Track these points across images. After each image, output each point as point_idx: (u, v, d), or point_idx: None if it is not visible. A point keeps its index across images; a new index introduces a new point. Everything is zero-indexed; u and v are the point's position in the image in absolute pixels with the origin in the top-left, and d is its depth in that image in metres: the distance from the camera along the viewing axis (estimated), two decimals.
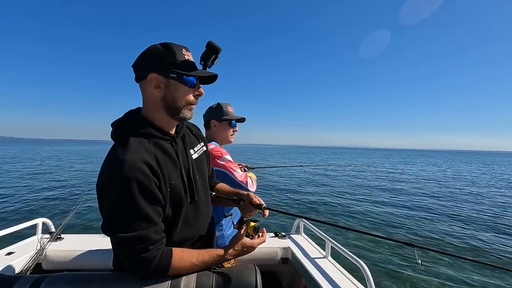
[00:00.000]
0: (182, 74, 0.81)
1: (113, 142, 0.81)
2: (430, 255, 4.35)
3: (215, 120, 1.66)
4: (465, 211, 8.03)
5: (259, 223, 1.01)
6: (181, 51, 0.81)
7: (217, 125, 1.66)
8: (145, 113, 0.86)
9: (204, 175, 1.02)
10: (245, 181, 1.51)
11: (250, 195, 1.08)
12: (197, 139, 1.06)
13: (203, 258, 0.84)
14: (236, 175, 1.48)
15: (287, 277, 1.87)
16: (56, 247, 1.65)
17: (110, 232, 0.73)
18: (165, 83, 0.81)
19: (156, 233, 0.75)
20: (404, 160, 42.61)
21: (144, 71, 0.80)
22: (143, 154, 0.75)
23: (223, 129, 1.67)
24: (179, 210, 0.84)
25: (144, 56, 0.81)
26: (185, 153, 0.91)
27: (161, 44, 0.81)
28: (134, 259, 0.72)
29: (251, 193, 1.10)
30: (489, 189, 12.87)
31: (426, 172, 21.05)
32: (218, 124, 1.66)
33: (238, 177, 1.49)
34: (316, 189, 11.16)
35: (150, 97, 0.83)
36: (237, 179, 1.48)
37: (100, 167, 0.76)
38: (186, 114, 0.87)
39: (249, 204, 1.06)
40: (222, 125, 1.67)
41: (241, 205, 1.09)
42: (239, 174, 1.50)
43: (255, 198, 1.07)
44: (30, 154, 27.10)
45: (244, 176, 1.53)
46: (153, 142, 0.81)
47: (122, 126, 0.83)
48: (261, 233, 1.01)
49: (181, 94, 0.83)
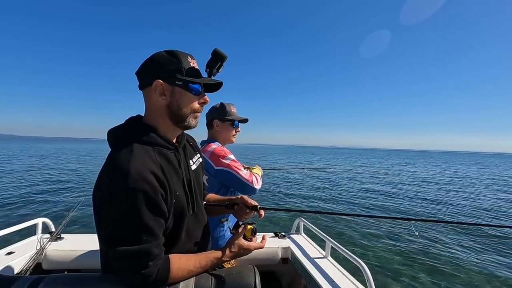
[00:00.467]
0: (188, 82, 0.80)
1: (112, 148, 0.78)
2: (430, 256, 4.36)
3: (218, 120, 1.65)
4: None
5: (256, 225, 1.01)
6: (187, 59, 0.80)
7: (219, 125, 1.66)
8: (148, 121, 0.83)
9: (201, 186, 1.01)
10: (251, 180, 1.49)
11: (244, 198, 1.08)
12: (194, 150, 1.05)
13: (201, 264, 0.83)
14: (241, 174, 1.47)
15: (287, 277, 1.87)
16: (56, 247, 1.66)
17: (109, 244, 0.70)
18: (170, 90, 0.79)
19: (157, 247, 0.73)
20: (404, 161, 42.60)
21: (149, 78, 0.79)
22: (148, 163, 0.72)
23: (225, 129, 1.67)
24: (181, 222, 0.83)
25: (149, 64, 0.80)
26: (186, 164, 0.90)
27: (166, 51, 0.80)
28: (133, 274, 0.70)
29: (244, 196, 1.10)
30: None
31: (427, 173, 21.04)
32: (220, 124, 1.66)
33: (243, 176, 1.48)
34: (314, 192, 11.16)
35: (155, 104, 0.81)
36: (242, 177, 1.47)
37: (98, 176, 0.73)
38: (191, 122, 0.86)
39: (244, 206, 1.05)
40: (224, 125, 1.66)
41: (235, 209, 1.08)
42: (244, 173, 1.49)
43: (249, 200, 1.06)
44: (30, 152, 27.08)
45: (249, 174, 1.51)
46: (157, 151, 0.79)
47: (123, 133, 0.80)
48: (261, 238, 1.01)
49: (186, 102, 0.82)
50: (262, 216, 1.04)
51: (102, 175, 0.72)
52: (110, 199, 0.67)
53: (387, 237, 5.37)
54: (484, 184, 15.36)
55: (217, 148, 1.52)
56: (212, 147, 1.54)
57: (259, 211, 1.05)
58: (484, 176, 20.29)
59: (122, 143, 0.76)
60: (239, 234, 0.96)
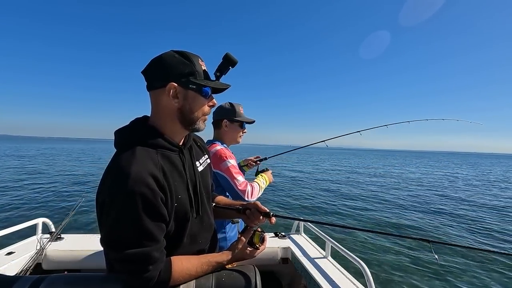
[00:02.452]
0: (201, 86, 0.80)
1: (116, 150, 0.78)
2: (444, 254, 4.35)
3: (227, 120, 1.65)
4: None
5: (264, 232, 1.00)
6: (198, 61, 0.81)
7: (228, 125, 1.65)
8: (154, 123, 0.83)
9: (208, 188, 0.99)
10: (244, 190, 1.46)
11: (257, 203, 1.06)
12: (201, 151, 1.03)
13: (202, 268, 0.83)
14: (236, 183, 1.45)
15: (287, 277, 1.87)
16: (56, 247, 1.66)
17: (109, 247, 0.70)
18: (183, 93, 0.79)
19: (157, 251, 0.72)
20: (403, 161, 42.49)
21: (162, 80, 0.78)
22: (149, 166, 0.72)
23: (233, 130, 1.67)
24: (184, 225, 0.82)
25: (160, 64, 0.78)
26: (191, 165, 0.89)
27: (177, 52, 0.80)
28: (133, 277, 0.70)
29: (257, 201, 1.09)
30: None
31: (420, 173, 21.03)
32: (229, 124, 1.65)
33: (237, 185, 1.45)
34: (317, 191, 11.15)
35: (165, 107, 0.80)
36: (236, 187, 1.44)
37: (102, 177, 0.73)
38: (201, 125, 0.86)
39: (256, 212, 1.03)
40: (233, 126, 1.66)
41: (247, 213, 1.06)
42: (239, 182, 1.46)
43: (262, 206, 1.04)
44: (29, 152, 27.12)
45: (245, 184, 1.48)
46: (160, 153, 0.79)
47: (128, 135, 0.80)
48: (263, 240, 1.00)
49: (198, 105, 0.82)
50: (273, 223, 1.02)
51: (105, 176, 0.72)
52: (111, 201, 0.67)
53: (387, 236, 5.37)
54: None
55: (220, 150, 1.51)
56: (215, 148, 1.52)
57: (270, 218, 1.02)
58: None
59: (125, 145, 0.76)
60: (245, 239, 0.95)
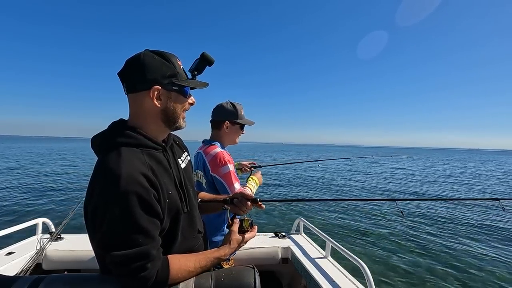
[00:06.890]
0: (183, 86, 0.82)
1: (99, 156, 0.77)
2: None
3: (229, 122, 1.62)
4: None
5: (252, 219, 1.05)
6: (177, 61, 0.82)
7: (229, 127, 1.62)
8: (135, 124, 0.82)
9: (192, 184, 1.01)
10: None
11: (242, 191, 1.11)
12: (181, 149, 1.05)
13: (200, 264, 0.84)
14: (232, 189, 1.44)
15: (287, 277, 1.87)
16: (56, 247, 1.66)
17: (106, 250, 0.69)
18: (166, 95, 0.80)
19: (154, 249, 0.72)
20: (401, 160, 42.53)
21: (145, 83, 0.77)
22: (138, 165, 0.72)
23: (234, 132, 1.65)
24: (177, 221, 0.83)
25: (141, 67, 0.77)
26: (175, 163, 0.90)
27: (154, 53, 0.80)
28: (132, 278, 0.70)
29: (243, 189, 1.12)
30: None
31: (415, 168, 21.04)
32: (230, 126, 1.63)
33: (233, 192, 1.43)
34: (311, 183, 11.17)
35: (148, 109, 0.81)
36: (231, 194, 1.46)
37: (89, 183, 0.72)
38: (182, 123, 0.88)
39: (243, 199, 1.08)
40: (234, 128, 1.64)
41: (235, 202, 1.10)
42: (235, 190, 1.45)
43: (248, 193, 1.09)
44: (28, 152, 27.13)
45: (240, 191, 1.48)
46: (146, 152, 0.79)
47: (110, 138, 0.78)
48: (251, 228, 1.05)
49: (180, 105, 0.85)
50: (263, 208, 1.08)
51: (92, 181, 0.72)
52: (104, 204, 0.67)
53: (388, 237, 5.38)
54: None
55: (220, 154, 1.48)
56: (215, 151, 1.50)
57: (258, 204, 1.08)
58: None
59: (109, 148, 0.75)
60: (235, 229, 0.99)
